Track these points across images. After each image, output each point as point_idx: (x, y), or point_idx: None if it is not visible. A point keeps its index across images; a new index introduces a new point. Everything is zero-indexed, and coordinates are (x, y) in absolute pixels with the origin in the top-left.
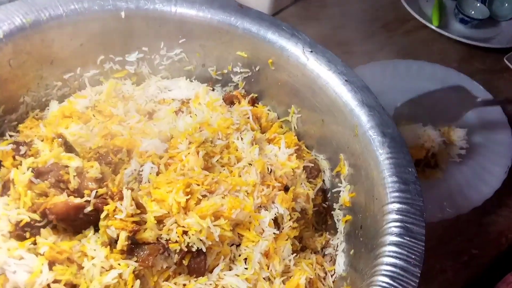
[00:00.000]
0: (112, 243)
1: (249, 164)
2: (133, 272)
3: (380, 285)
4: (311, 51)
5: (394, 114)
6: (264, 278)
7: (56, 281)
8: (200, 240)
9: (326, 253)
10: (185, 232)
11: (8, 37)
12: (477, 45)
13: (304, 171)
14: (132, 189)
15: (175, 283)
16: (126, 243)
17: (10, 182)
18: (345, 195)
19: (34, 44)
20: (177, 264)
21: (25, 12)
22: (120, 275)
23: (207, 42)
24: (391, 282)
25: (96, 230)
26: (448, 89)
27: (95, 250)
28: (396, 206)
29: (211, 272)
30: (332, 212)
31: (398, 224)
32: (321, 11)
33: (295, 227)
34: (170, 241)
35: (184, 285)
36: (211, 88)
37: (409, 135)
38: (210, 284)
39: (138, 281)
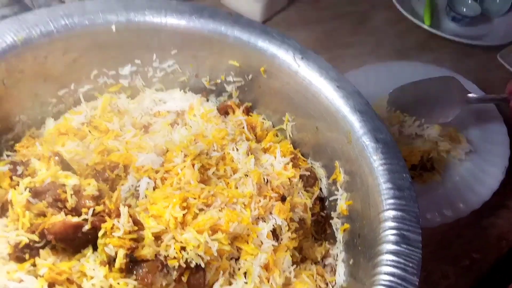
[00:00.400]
0: (111, 261)
1: (245, 175)
2: None
3: None
4: (302, 58)
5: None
6: None
7: None
8: (199, 255)
9: (326, 263)
10: (183, 248)
11: (1, 56)
12: (470, 43)
13: (301, 180)
14: (130, 206)
15: None
16: (125, 261)
17: (8, 203)
18: (342, 203)
19: (26, 61)
20: (176, 281)
21: (16, 30)
22: None
23: (199, 52)
24: None
25: (95, 248)
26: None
27: (94, 269)
28: (392, 213)
29: None
30: (331, 221)
31: (394, 231)
32: (313, 15)
33: (294, 238)
34: (168, 257)
35: None
36: (206, 99)
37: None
38: None
39: None
